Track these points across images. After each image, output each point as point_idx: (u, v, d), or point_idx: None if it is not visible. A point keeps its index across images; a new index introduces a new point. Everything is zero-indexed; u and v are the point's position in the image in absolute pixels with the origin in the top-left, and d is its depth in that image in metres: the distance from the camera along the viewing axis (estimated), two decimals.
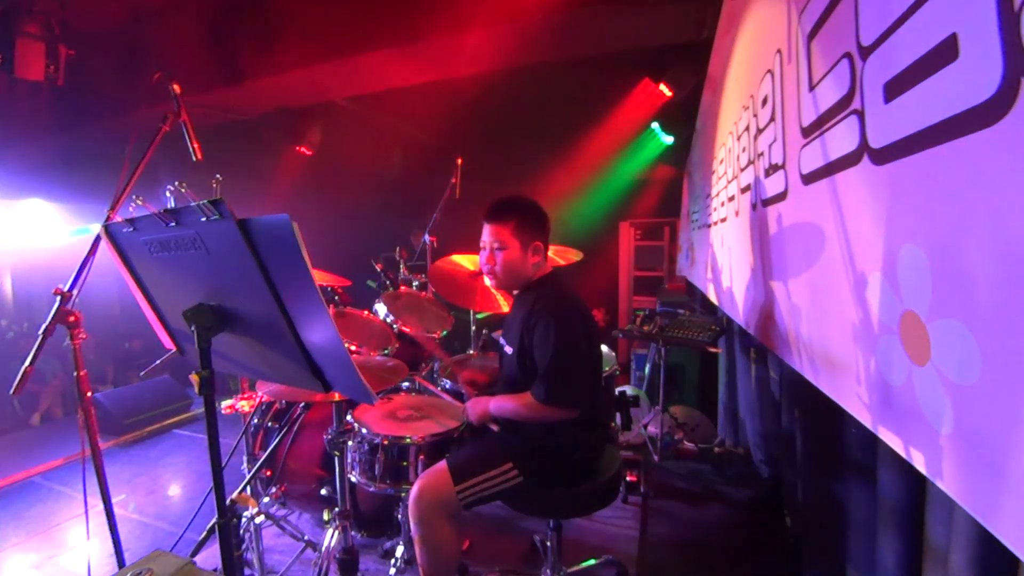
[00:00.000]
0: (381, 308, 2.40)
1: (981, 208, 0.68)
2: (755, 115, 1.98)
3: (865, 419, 1.11)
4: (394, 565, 2.06)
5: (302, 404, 2.30)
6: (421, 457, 1.85)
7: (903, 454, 0.94)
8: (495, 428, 1.72)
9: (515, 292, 1.81)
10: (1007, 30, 0.60)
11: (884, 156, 0.92)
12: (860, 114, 1.00)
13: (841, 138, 1.10)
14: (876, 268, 0.99)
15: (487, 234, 1.71)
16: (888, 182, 0.92)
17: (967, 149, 0.69)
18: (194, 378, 0.93)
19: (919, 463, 0.88)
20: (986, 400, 0.69)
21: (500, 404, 1.67)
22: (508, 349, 1.73)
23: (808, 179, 1.35)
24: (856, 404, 1.15)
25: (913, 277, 0.85)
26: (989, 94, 0.63)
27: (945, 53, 0.71)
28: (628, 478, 2.65)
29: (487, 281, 1.85)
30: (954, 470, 0.78)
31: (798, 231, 1.50)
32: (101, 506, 1.63)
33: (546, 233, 1.75)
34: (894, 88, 0.86)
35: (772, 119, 1.72)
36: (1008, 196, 0.63)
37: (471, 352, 2.73)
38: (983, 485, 0.71)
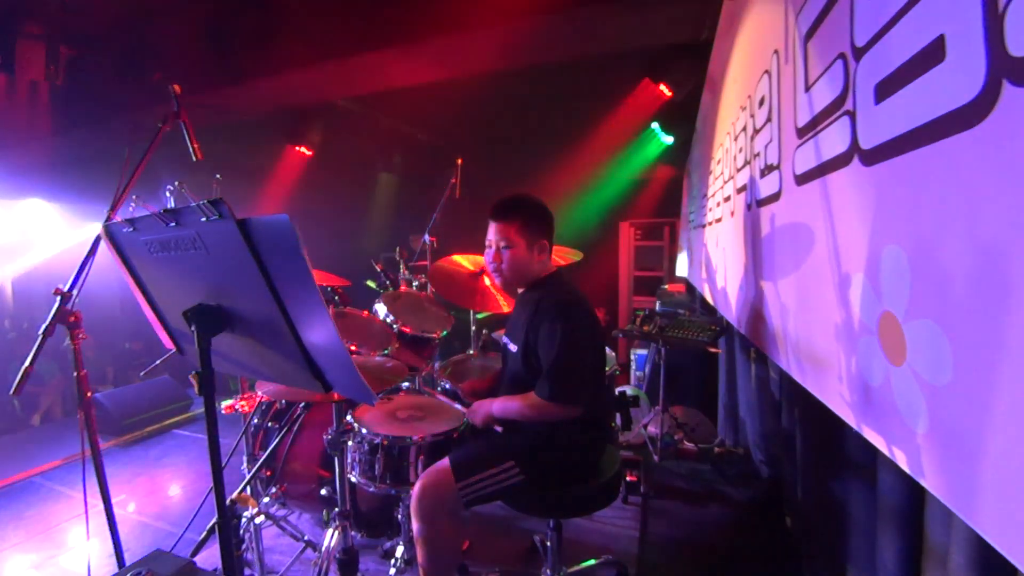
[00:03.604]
0: (381, 308, 2.40)
1: (959, 210, 0.69)
2: (752, 115, 1.98)
3: (849, 418, 1.11)
4: (394, 565, 2.06)
5: (302, 404, 2.30)
6: (421, 457, 1.85)
7: (887, 453, 0.95)
8: (499, 429, 1.72)
9: (520, 290, 1.81)
10: (991, 31, 0.60)
11: (873, 157, 0.93)
12: (852, 115, 1.00)
13: (833, 139, 1.11)
14: (860, 268, 0.99)
15: (493, 232, 1.71)
16: (875, 183, 0.93)
17: (949, 150, 0.70)
18: (194, 378, 0.92)
19: (902, 462, 0.88)
20: (959, 400, 0.69)
21: (504, 405, 1.67)
22: (512, 347, 1.73)
23: (801, 180, 1.35)
24: (839, 403, 1.16)
25: (893, 278, 0.86)
26: (972, 95, 0.63)
27: (933, 54, 0.71)
28: (628, 478, 2.65)
29: (490, 279, 1.84)
30: (933, 468, 0.78)
31: (789, 231, 1.51)
32: (101, 506, 1.64)
33: (551, 232, 1.75)
34: (884, 89, 0.86)
35: (768, 120, 1.72)
36: (983, 197, 0.64)
37: (471, 352, 2.73)
38: (961, 483, 0.72)
